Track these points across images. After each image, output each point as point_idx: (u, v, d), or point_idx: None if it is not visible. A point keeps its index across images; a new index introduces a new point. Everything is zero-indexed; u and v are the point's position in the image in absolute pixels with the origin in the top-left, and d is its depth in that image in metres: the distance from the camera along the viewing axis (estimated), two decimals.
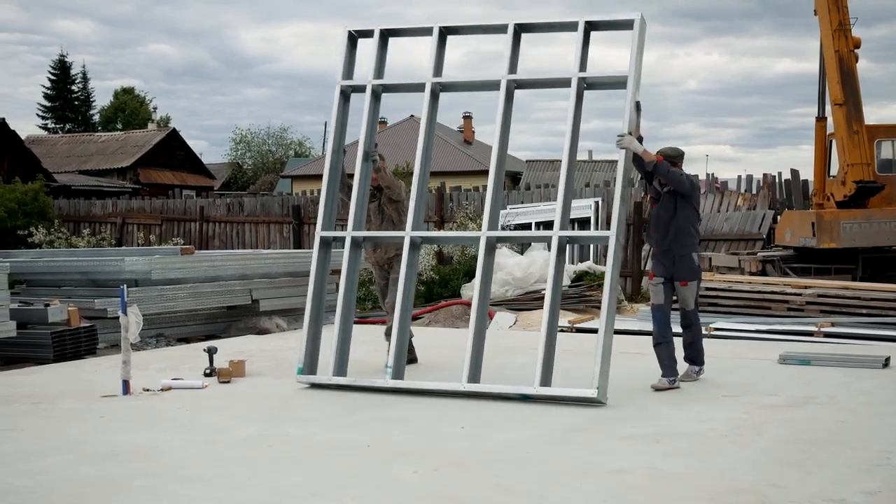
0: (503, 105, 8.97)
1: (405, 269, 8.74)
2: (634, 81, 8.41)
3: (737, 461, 6.02)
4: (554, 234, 8.61)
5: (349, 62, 9.51)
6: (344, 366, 8.70)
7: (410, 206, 8.95)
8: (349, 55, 9.50)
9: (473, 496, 5.34)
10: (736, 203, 20.25)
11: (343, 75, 9.47)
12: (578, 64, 8.76)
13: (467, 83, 9.50)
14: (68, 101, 62.86)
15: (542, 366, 7.94)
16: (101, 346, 12.29)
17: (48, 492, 5.53)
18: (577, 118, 8.80)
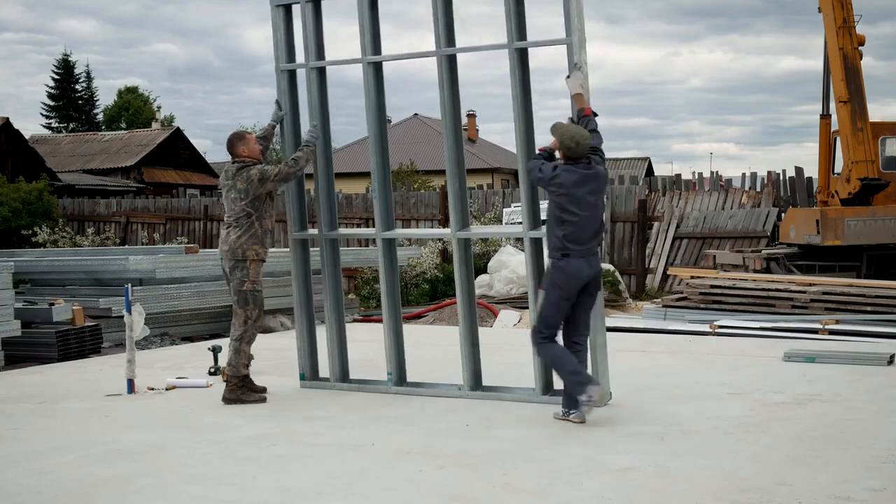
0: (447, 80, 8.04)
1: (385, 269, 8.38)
2: (578, 42, 7.39)
3: (742, 459, 6.01)
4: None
5: (288, 39, 8.76)
6: (345, 368, 8.66)
7: (377, 205, 8.44)
8: (286, 31, 8.73)
9: (480, 494, 5.33)
10: (740, 201, 20.23)
11: (284, 57, 8.74)
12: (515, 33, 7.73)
13: (403, 55, 8.59)
14: (72, 101, 62.90)
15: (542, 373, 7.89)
16: (105, 345, 12.31)
17: (54, 492, 5.53)
18: (525, 85, 7.87)
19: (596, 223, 7.10)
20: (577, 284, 7.05)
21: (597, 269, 7.13)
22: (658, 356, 10.45)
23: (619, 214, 20.50)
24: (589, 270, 7.06)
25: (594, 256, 7.11)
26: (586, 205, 7.00)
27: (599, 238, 7.18)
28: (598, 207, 7.10)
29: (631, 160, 47.58)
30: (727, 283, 14.30)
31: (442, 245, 20.38)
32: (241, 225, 7.98)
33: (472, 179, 32.04)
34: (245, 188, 7.98)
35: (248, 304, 8.00)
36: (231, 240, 8.00)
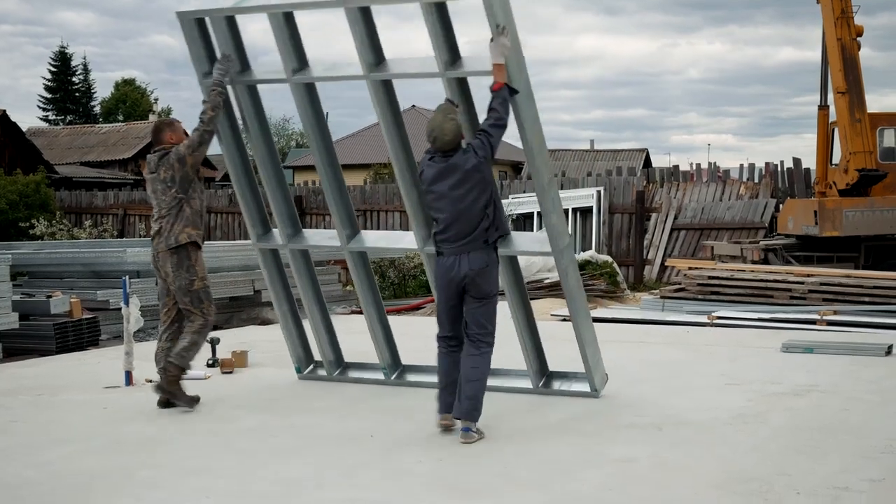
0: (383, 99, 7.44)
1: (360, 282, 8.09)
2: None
3: (741, 449, 6.01)
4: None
5: (208, 52, 7.89)
6: (340, 361, 8.63)
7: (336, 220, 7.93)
8: (204, 44, 7.88)
9: (479, 485, 5.34)
10: (738, 192, 20.23)
11: (206, 70, 7.91)
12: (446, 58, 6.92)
13: (334, 77, 7.72)
14: (69, 93, 62.77)
15: (538, 368, 7.88)
16: (103, 337, 12.30)
17: (53, 484, 5.53)
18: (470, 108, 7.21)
19: (469, 218, 6.33)
20: (452, 284, 6.41)
21: (474, 268, 6.34)
22: (656, 347, 10.45)
23: (616, 206, 20.50)
24: (461, 269, 6.35)
25: (474, 254, 6.35)
26: (450, 200, 6.33)
27: (481, 234, 6.37)
28: (465, 201, 6.31)
29: (629, 151, 47.48)
30: (725, 274, 14.31)
31: None
32: (171, 214, 7.41)
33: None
34: (171, 175, 7.41)
35: (203, 301, 7.49)
36: (165, 230, 7.42)
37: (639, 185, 20.58)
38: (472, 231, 6.35)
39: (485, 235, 6.38)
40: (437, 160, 6.41)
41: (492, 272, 6.42)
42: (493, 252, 6.46)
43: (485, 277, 6.38)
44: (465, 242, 6.36)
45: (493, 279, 6.44)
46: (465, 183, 6.32)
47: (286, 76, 7.64)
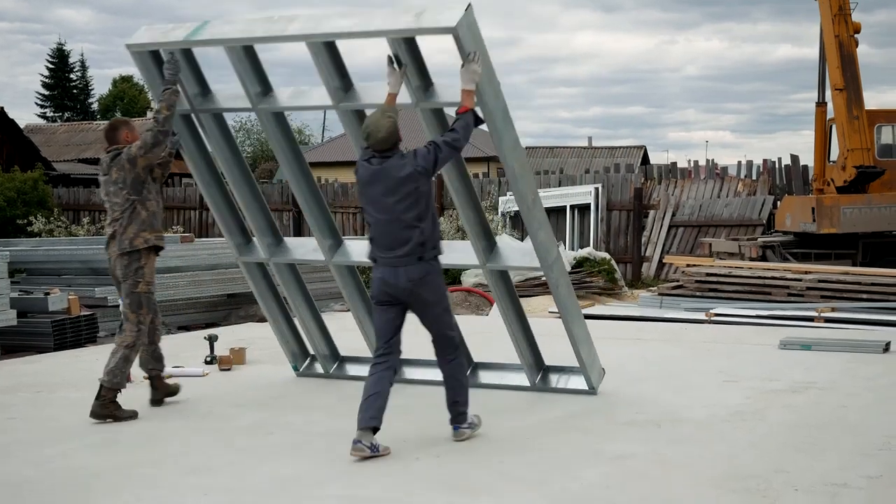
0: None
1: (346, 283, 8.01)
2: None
3: (739, 447, 6.02)
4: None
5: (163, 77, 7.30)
6: (336, 357, 8.63)
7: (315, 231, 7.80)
8: (159, 70, 7.41)
9: (478, 483, 5.34)
10: (736, 189, 20.23)
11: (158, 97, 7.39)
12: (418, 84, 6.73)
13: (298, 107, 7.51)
14: (67, 90, 62.74)
15: (532, 362, 7.88)
16: (101, 334, 12.30)
17: (51, 481, 5.53)
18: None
19: (400, 230, 5.91)
20: (389, 297, 6.01)
21: (413, 278, 5.92)
22: (654, 344, 10.46)
23: (614, 203, 20.50)
24: (396, 282, 5.94)
25: (410, 268, 5.92)
26: (382, 207, 5.95)
27: (415, 248, 5.92)
28: (394, 210, 5.90)
29: (627, 148, 47.49)
30: (723, 271, 14.32)
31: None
32: (125, 217, 7.12)
33: (468, 168, 32.00)
34: (122, 176, 7.09)
35: (142, 307, 7.14)
36: (118, 233, 7.16)
37: (637, 182, 20.58)
38: (405, 244, 5.91)
39: (419, 251, 5.93)
40: (373, 162, 6.00)
41: (433, 280, 6.00)
42: (432, 261, 6.03)
43: (427, 287, 5.98)
44: (399, 256, 5.92)
45: (435, 286, 6.02)
46: (396, 191, 5.89)
47: (251, 104, 7.35)
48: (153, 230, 7.19)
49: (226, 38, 6.90)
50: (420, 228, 5.92)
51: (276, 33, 6.71)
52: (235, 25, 6.96)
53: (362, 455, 5.73)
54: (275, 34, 6.74)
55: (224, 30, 6.94)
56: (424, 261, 5.95)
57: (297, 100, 7.42)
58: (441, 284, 6.09)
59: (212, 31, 6.95)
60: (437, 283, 6.05)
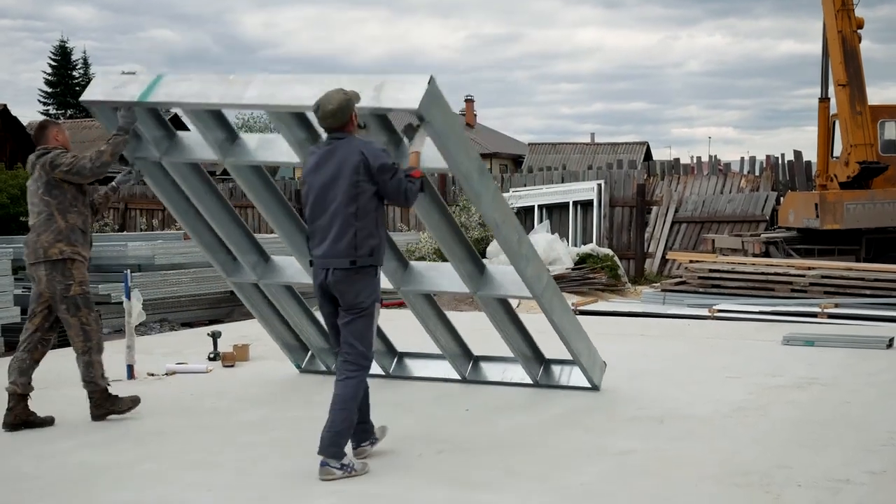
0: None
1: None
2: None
3: (742, 442, 6.01)
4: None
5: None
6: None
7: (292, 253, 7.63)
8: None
9: (481, 479, 5.34)
10: (739, 185, 20.20)
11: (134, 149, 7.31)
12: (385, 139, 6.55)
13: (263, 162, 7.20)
14: (69, 87, 62.68)
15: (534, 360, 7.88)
16: (104, 331, 12.27)
17: (55, 478, 5.54)
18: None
19: (338, 224, 5.40)
20: (324, 293, 5.55)
21: (338, 273, 5.41)
22: (657, 340, 10.46)
23: (617, 199, 20.48)
24: (325, 281, 5.46)
25: (340, 271, 5.41)
26: (322, 197, 5.45)
27: (347, 250, 5.39)
28: (337, 201, 5.40)
29: (629, 145, 47.47)
30: (726, 268, 14.31)
31: None
32: (40, 222, 6.68)
33: None
34: (42, 176, 6.70)
35: (80, 309, 6.76)
36: (31, 240, 6.73)
37: (639, 179, 20.56)
38: (339, 240, 5.38)
39: (352, 254, 5.38)
40: (320, 146, 5.61)
41: (361, 280, 5.44)
42: (367, 269, 5.47)
43: (350, 284, 5.42)
44: (331, 258, 5.42)
45: (361, 288, 5.44)
46: (339, 178, 5.39)
47: (218, 157, 7.08)
48: (69, 244, 6.68)
49: (181, 102, 6.60)
50: (356, 228, 5.36)
51: (232, 100, 6.39)
52: (191, 85, 6.59)
53: (332, 477, 5.34)
54: (230, 101, 6.40)
55: (180, 89, 6.58)
56: (357, 266, 5.39)
57: (265, 151, 7.10)
58: (372, 287, 5.48)
59: (166, 89, 6.60)
60: (366, 284, 5.45)
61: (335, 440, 5.39)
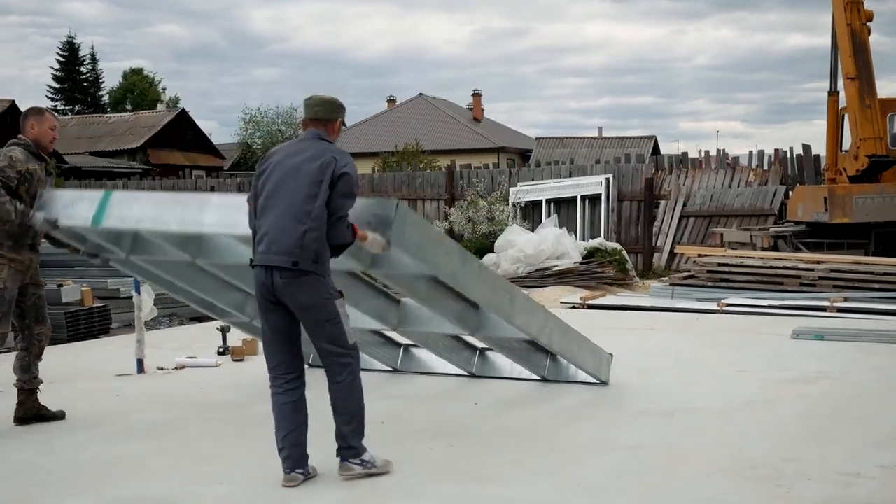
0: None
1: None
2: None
3: (751, 436, 6.02)
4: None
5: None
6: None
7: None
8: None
9: (491, 472, 5.35)
10: (747, 179, 20.17)
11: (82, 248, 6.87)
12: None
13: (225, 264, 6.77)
14: (77, 83, 62.89)
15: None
16: (114, 325, 12.34)
17: (66, 471, 5.56)
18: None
19: (290, 219, 4.98)
20: (269, 300, 5.09)
21: (285, 277, 4.96)
22: (666, 334, 10.46)
23: (625, 193, 20.47)
24: (273, 280, 5.00)
25: (284, 272, 4.97)
26: (281, 189, 5.06)
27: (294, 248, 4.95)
28: (294, 194, 5.00)
29: (637, 139, 47.43)
30: (735, 261, 14.29)
31: (448, 225, 20.39)
32: None
33: (477, 159, 32.04)
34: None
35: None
36: None
37: (647, 173, 20.54)
38: (288, 236, 4.96)
39: (296, 255, 4.93)
40: (292, 141, 5.32)
41: (308, 283, 4.99)
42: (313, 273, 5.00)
43: (302, 288, 4.98)
44: (274, 255, 4.98)
45: (312, 290, 5.01)
46: (302, 172, 5.01)
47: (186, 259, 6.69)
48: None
49: (137, 229, 6.21)
50: (306, 228, 4.93)
51: (191, 226, 5.95)
52: (144, 207, 6.18)
53: (353, 474, 5.24)
54: (189, 228, 5.98)
55: (133, 212, 6.16)
56: (299, 269, 4.94)
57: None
58: (325, 290, 5.04)
59: (119, 212, 6.14)
60: (315, 287, 5.01)
61: (346, 442, 5.24)
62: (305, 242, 4.94)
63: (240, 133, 62.63)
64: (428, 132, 43.96)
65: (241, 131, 62.66)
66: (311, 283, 4.98)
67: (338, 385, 5.15)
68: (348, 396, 5.17)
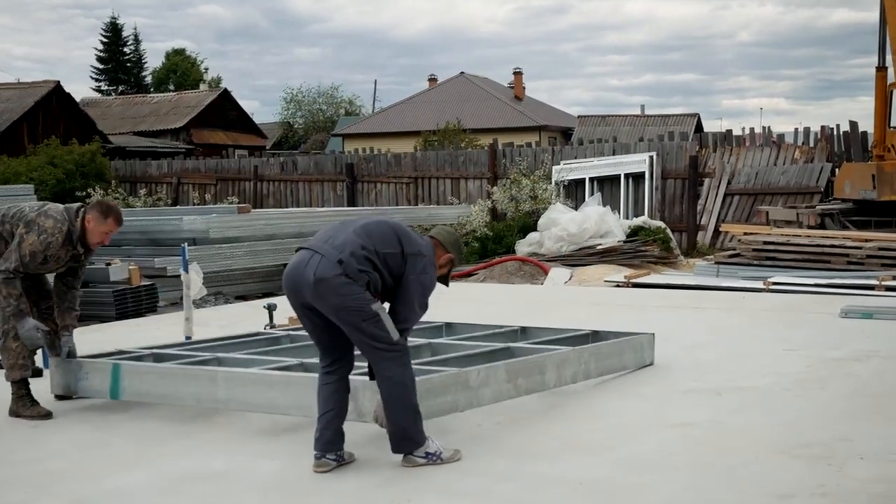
0: None
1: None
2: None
3: (802, 415, 5.98)
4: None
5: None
6: None
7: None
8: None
9: (540, 449, 5.36)
10: (793, 156, 19.96)
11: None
12: None
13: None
14: (121, 64, 63.30)
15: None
16: (161, 304, 12.48)
17: (120, 447, 5.66)
18: None
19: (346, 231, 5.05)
20: (298, 294, 5.03)
21: (319, 275, 4.87)
22: (712, 313, 10.40)
23: (669, 171, 20.34)
24: (305, 276, 4.92)
25: (324, 263, 4.90)
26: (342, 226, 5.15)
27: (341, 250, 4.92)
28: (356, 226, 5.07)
29: (680, 116, 47.00)
30: (781, 240, 14.18)
31: (491, 203, 20.38)
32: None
33: (519, 137, 31.92)
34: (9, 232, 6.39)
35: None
36: None
37: (692, 150, 20.38)
38: (337, 241, 4.99)
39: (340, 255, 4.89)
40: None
41: (344, 284, 4.87)
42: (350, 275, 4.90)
43: (335, 291, 4.87)
44: (318, 251, 4.96)
45: (345, 290, 4.87)
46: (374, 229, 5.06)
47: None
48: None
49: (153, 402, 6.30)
50: (363, 247, 4.95)
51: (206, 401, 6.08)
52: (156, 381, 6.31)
53: (415, 465, 5.10)
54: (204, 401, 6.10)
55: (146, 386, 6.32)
56: (343, 265, 4.88)
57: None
58: (356, 292, 4.88)
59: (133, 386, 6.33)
60: (348, 289, 4.87)
61: (404, 435, 5.09)
62: (353, 250, 4.93)
63: (281, 112, 63.20)
64: (469, 111, 43.84)
65: (282, 111, 63.25)
66: (347, 286, 4.87)
67: (388, 381, 5.03)
68: (400, 391, 5.04)
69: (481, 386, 5.88)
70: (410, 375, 5.10)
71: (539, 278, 15.30)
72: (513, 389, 6.11)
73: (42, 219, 6.31)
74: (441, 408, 5.34)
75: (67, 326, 6.66)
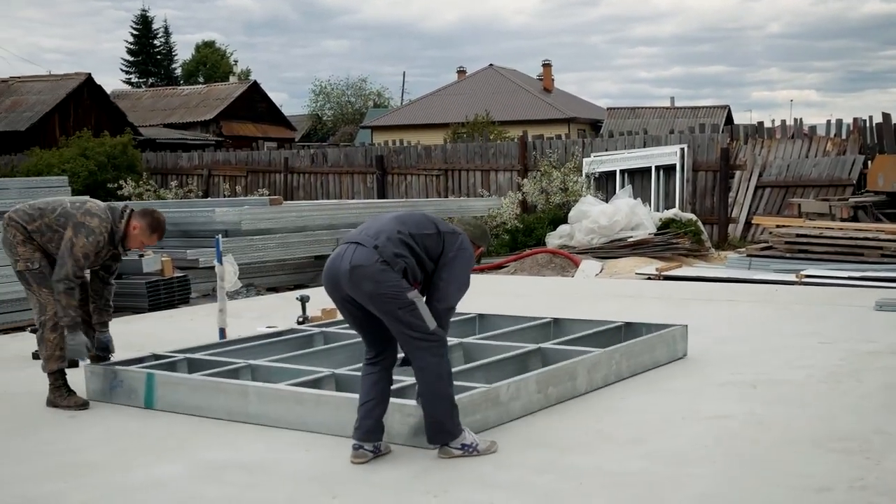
0: None
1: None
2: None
3: (837, 407, 5.95)
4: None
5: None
6: None
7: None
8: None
9: (573, 443, 5.36)
10: (825, 148, 19.78)
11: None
12: None
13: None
14: (151, 56, 63.72)
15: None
16: (193, 295, 12.55)
17: (157, 437, 5.71)
18: None
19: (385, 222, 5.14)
20: (336, 288, 5.12)
21: (356, 263, 4.94)
22: (745, 305, 10.35)
23: (700, 163, 20.22)
24: (342, 265, 5.02)
25: (360, 251, 4.98)
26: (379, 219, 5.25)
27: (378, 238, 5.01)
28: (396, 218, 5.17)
29: (710, 108, 46.72)
30: (814, 232, 14.07)
31: (521, 196, 20.35)
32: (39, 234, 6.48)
33: (548, 130, 31.85)
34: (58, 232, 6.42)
35: (31, 284, 6.44)
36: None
37: (723, 143, 20.25)
38: (377, 232, 5.05)
39: (376, 242, 4.97)
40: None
41: (380, 272, 4.92)
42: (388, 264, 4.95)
43: (368, 277, 4.92)
44: (358, 242, 5.05)
45: (381, 278, 4.90)
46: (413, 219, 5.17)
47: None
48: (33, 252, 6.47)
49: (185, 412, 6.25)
50: (399, 231, 5.04)
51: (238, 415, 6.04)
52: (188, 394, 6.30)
53: (452, 456, 5.10)
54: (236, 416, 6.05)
55: (178, 397, 6.33)
56: (379, 251, 4.94)
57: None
58: (392, 279, 4.91)
59: (167, 396, 6.36)
60: (384, 276, 4.90)
61: (440, 428, 5.09)
62: (392, 240, 5.00)
63: (310, 105, 63.36)
64: (498, 103, 43.75)
65: (311, 103, 63.44)
66: (381, 275, 4.90)
67: (422, 371, 5.03)
68: (435, 384, 5.03)
69: (511, 400, 5.87)
70: (447, 367, 5.10)
71: (570, 271, 15.27)
72: (543, 399, 6.09)
73: (87, 218, 6.39)
74: (471, 427, 5.33)
75: (104, 322, 6.79)
